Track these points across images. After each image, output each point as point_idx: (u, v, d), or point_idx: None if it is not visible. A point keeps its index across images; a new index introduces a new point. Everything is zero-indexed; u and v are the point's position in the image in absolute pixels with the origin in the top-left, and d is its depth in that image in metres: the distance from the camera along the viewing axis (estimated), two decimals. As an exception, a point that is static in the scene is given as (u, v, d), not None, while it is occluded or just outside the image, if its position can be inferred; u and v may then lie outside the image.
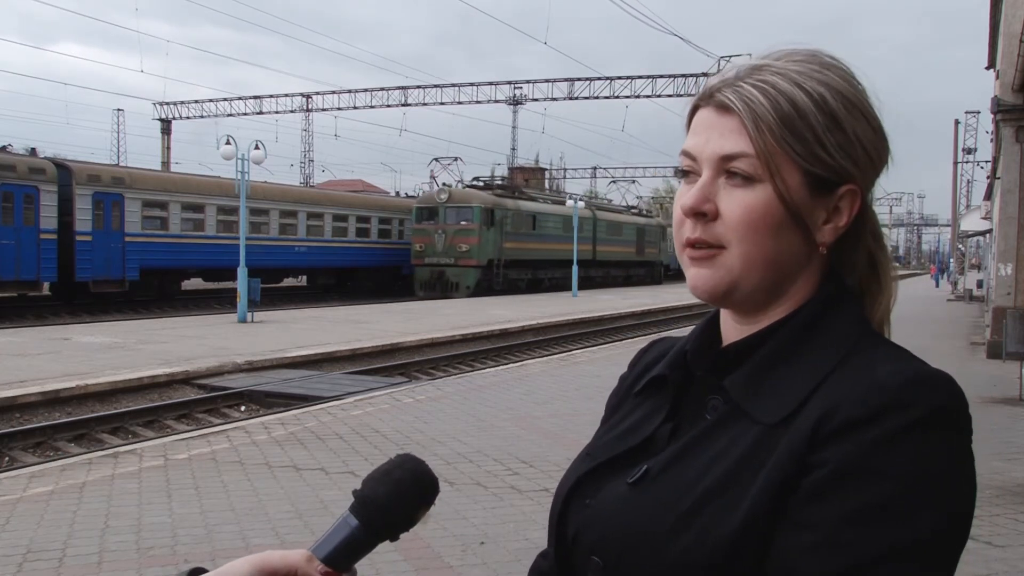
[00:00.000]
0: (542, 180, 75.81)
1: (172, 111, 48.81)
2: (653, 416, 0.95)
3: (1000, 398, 10.12)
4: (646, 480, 0.87)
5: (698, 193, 0.87)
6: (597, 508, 0.90)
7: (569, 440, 7.46)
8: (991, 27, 20.70)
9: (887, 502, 0.74)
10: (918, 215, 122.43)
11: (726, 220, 0.86)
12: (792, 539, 0.76)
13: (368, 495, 0.82)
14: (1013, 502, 5.79)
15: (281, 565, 0.78)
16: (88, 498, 5.75)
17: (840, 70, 0.89)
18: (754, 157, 0.85)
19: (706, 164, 0.88)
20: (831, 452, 0.77)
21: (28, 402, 9.70)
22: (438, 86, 44.56)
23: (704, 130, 0.89)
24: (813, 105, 0.85)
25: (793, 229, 0.87)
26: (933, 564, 0.75)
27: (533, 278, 36.07)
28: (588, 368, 12.70)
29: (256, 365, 12.66)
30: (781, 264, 0.87)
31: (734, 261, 0.86)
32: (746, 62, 0.90)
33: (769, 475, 0.79)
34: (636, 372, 1.07)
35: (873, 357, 0.83)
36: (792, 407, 0.82)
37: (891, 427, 0.75)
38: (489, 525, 5.12)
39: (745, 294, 0.88)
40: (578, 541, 0.91)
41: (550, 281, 37.01)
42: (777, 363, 0.87)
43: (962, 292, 37.27)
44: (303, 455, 6.98)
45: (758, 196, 0.85)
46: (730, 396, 0.88)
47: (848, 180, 0.88)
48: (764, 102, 0.85)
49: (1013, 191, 14.88)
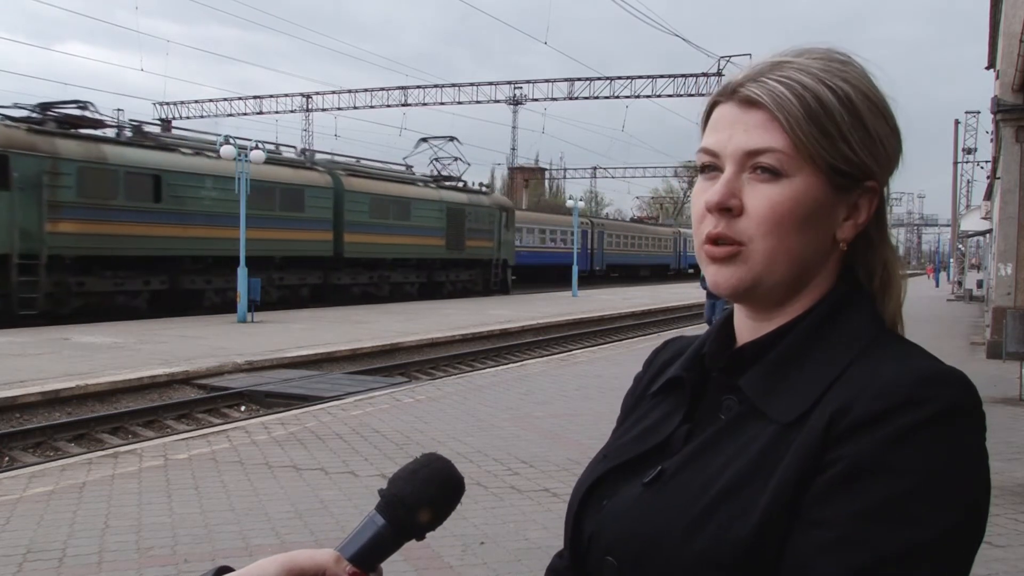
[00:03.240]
0: (542, 180, 75.92)
1: (172, 111, 48.80)
2: (670, 418, 0.95)
3: (1000, 398, 10.11)
4: (661, 480, 0.87)
5: (724, 188, 0.87)
6: (612, 509, 0.90)
7: (569, 440, 7.46)
8: (991, 27, 20.70)
9: (902, 499, 0.74)
10: (918, 215, 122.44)
11: (751, 215, 0.86)
12: (808, 537, 0.76)
13: (395, 494, 0.82)
14: (1013, 502, 5.79)
15: (309, 565, 0.78)
16: (88, 498, 5.75)
17: (857, 67, 0.89)
18: (780, 152, 0.85)
19: (730, 160, 0.87)
20: (845, 449, 0.77)
21: (28, 402, 9.70)
22: (438, 86, 44.55)
23: (727, 126, 0.88)
24: (838, 102, 0.85)
25: (816, 225, 0.87)
26: (949, 560, 0.75)
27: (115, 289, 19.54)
28: (588, 368, 12.70)
29: (256, 365, 12.66)
30: (803, 260, 0.88)
31: (757, 258, 0.86)
32: (765, 59, 0.90)
33: (784, 473, 0.79)
34: (652, 372, 1.07)
35: (887, 354, 0.83)
36: (807, 405, 0.82)
37: (905, 424, 0.75)
38: (489, 525, 5.12)
39: (767, 290, 0.88)
40: (594, 542, 0.91)
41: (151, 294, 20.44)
42: (792, 361, 0.87)
43: (962, 292, 37.28)
44: (303, 455, 6.98)
45: (784, 191, 0.85)
46: (745, 395, 0.87)
47: (869, 177, 0.88)
48: (791, 97, 0.85)
49: (1013, 191, 14.88)
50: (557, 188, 79.28)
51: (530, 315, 22.23)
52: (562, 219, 44.87)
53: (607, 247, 50.91)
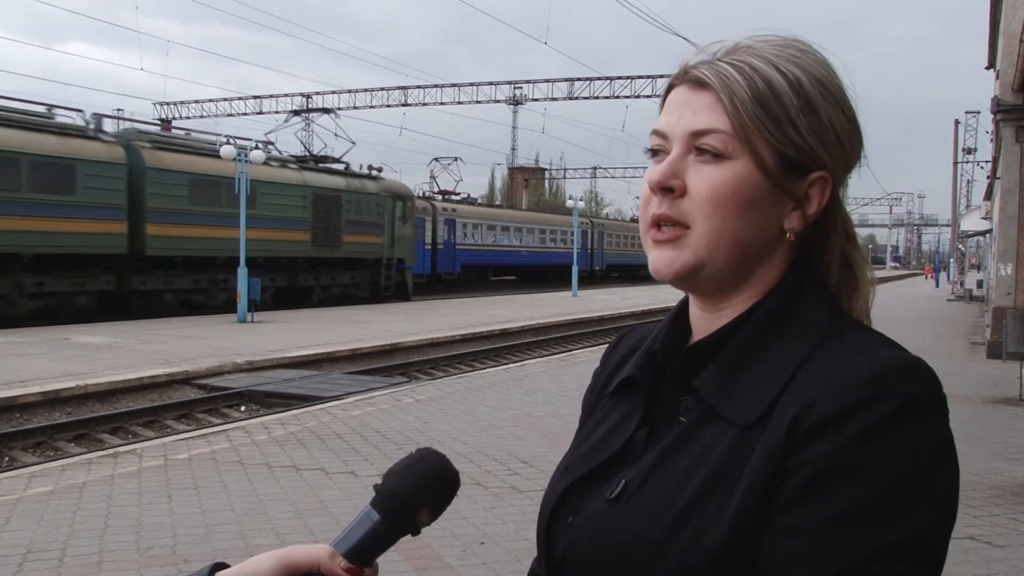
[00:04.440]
0: (542, 180, 75.92)
1: (172, 111, 48.79)
2: (627, 420, 0.93)
3: (1000, 398, 10.11)
4: (625, 495, 0.85)
5: (666, 168, 0.85)
6: (579, 527, 0.88)
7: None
8: (991, 27, 20.70)
9: (871, 500, 0.73)
10: (918, 215, 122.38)
11: (693, 196, 0.84)
12: (780, 547, 0.75)
13: (390, 489, 0.81)
14: (1013, 502, 5.78)
15: (304, 560, 0.78)
16: (88, 498, 5.75)
17: (816, 56, 0.88)
18: (725, 133, 0.84)
19: (676, 141, 0.86)
20: (809, 453, 0.75)
21: (28, 402, 9.70)
22: (438, 86, 44.55)
23: (676, 108, 0.88)
24: (788, 86, 0.84)
25: (761, 210, 0.85)
26: (924, 556, 0.74)
27: None
28: (588, 368, 12.57)
29: (256, 365, 12.66)
30: (747, 246, 0.85)
31: (699, 240, 0.84)
32: (722, 43, 0.89)
33: (751, 480, 0.77)
34: (609, 368, 1.04)
35: (842, 347, 0.82)
36: (765, 406, 0.80)
37: (866, 423, 0.74)
38: (489, 525, 5.12)
39: (709, 275, 0.86)
40: (565, 561, 0.89)
41: None
42: (747, 358, 0.85)
43: (962, 292, 37.27)
44: (303, 455, 6.98)
45: (727, 173, 0.84)
46: (702, 396, 0.85)
47: (819, 167, 0.87)
48: (739, 79, 0.84)
49: (1013, 191, 14.88)
50: (557, 188, 79.31)
51: (530, 315, 22.24)
52: (562, 219, 44.89)
53: (607, 247, 50.92)
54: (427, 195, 40.18)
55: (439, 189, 42.52)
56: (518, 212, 48.56)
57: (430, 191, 42.29)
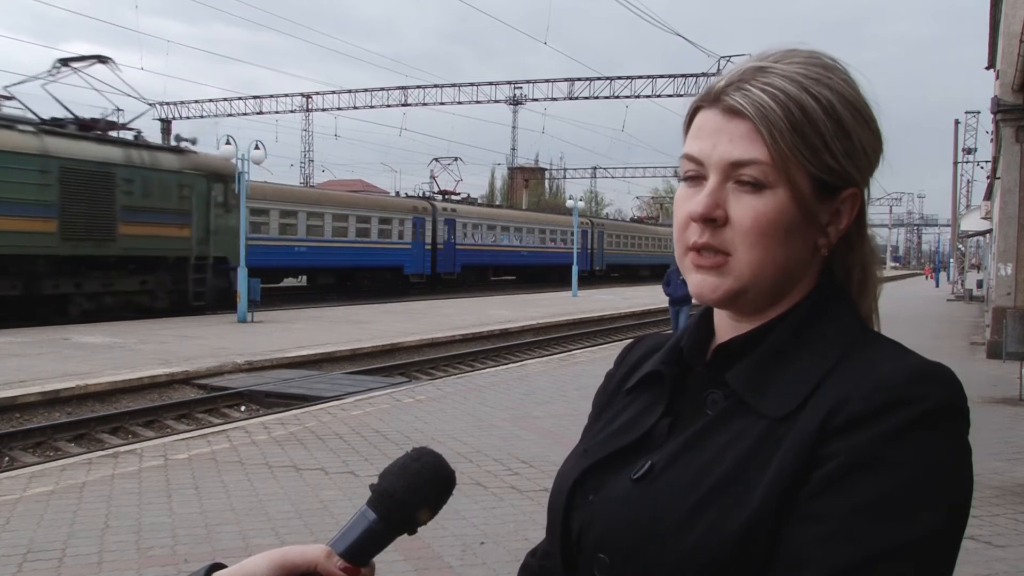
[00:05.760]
0: (542, 180, 75.93)
1: (172, 111, 48.80)
2: (649, 411, 0.95)
3: (1000, 398, 10.12)
4: (651, 475, 0.87)
5: (708, 199, 0.87)
6: (601, 505, 0.90)
7: (569, 440, 7.41)
8: (991, 27, 20.71)
9: (896, 495, 0.75)
10: (918, 215, 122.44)
11: (736, 226, 0.86)
12: (802, 531, 0.77)
13: (386, 489, 0.82)
14: (1013, 502, 5.79)
15: (301, 560, 0.78)
16: (88, 498, 5.75)
17: (842, 73, 0.89)
18: (766, 164, 0.85)
19: (714, 169, 0.87)
20: (841, 444, 0.78)
21: (28, 402, 9.70)
22: (438, 86, 44.58)
23: (710, 134, 0.88)
24: (822, 111, 0.85)
25: (799, 235, 0.88)
26: (936, 557, 0.76)
27: None
28: (588, 368, 12.69)
29: (256, 365, 12.67)
30: (786, 269, 0.88)
31: (743, 268, 0.86)
32: (746, 63, 0.89)
33: (778, 468, 0.80)
34: (625, 369, 1.07)
35: (874, 353, 0.85)
36: (798, 401, 0.83)
37: (899, 422, 0.77)
38: (489, 525, 5.12)
39: (751, 298, 0.89)
40: (583, 539, 0.90)
41: None
42: (779, 358, 0.88)
43: (962, 292, 37.28)
44: (303, 455, 6.98)
45: (768, 203, 0.85)
46: (732, 390, 0.88)
47: (851, 184, 0.89)
48: (775, 108, 0.84)
49: (1013, 191, 14.88)
50: (557, 188, 79.31)
51: (530, 315, 22.23)
52: (562, 219, 44.90)
53: (607, 247, 50.91)
54: (427, 195, 40.24)
55: (439, 189, 42.57)
56: (518, 212, 48.55)
57: (430, 191, 42.35)
